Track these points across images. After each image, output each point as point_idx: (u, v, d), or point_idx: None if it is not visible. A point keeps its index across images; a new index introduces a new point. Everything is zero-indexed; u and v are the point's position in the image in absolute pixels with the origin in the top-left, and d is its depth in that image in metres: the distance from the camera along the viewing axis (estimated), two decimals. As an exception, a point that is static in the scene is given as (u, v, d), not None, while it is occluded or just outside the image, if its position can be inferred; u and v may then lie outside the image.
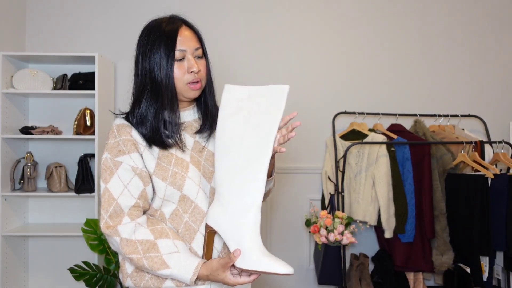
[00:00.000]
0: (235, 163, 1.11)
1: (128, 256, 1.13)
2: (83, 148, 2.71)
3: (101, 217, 1.15)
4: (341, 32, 2.89)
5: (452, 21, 2.93)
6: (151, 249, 1.13)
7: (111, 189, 1.15)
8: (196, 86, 1.21)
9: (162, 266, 1.11)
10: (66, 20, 2.81)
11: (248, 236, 1.07)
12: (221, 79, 1.36)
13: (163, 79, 1.18)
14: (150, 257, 1.12)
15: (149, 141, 1.19)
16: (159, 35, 1.18)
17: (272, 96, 1.11)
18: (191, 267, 1.11)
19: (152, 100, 1.20)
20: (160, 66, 1.17)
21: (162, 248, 1.13)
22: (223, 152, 1.13)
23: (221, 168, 1.13)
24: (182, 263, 1.12)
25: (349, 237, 2.27)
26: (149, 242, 1.13)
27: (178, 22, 1.22)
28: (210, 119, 1.28)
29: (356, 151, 2.59)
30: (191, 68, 1.19)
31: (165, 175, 1.18)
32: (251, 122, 1.11)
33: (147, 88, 1.20)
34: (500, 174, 2.31)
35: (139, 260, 1.12)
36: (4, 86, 2.50)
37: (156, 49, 1.18)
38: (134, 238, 1.13)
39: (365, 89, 2.88)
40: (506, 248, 2.23)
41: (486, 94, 2.93)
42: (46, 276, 2.76)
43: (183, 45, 1.19)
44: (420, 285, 2.58)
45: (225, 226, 1.10)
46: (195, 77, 1.20)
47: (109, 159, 1.18)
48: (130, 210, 1.16)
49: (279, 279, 2.84)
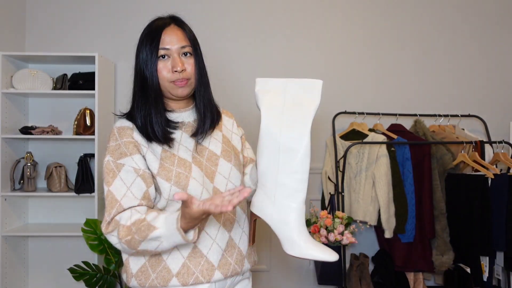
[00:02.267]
0: (275, 156, 1.14)
1: (125, 240, 1.10)
2: (83, 148, 2.71)
3: (104, 219, 1.14)
4: (341, 32, 2.89)
5: (452, 21, 2.93)
6: (141, 223, 1.09)
7: (114, 191, 1.15)
8: (182, 83, 1.21)
9: (149, 230, 1.07)
10: (66, 20, 2.81)
11: (297, 227, 1.13)
12: (221, 78, 1.36)
13: (148, 77, 1.20)
14: (138, 228, 1.08)
15: (148, 138, 1.20)
16: (147, 33, 1.21)
17: (307, 89, 1.14)
18: (174, 217, 1.06)
19: (143, 98, 1.22)
20: (146, 64, 1.19)
21: (148, 217, 1.10)
22: (263, 143, 1.16)
23: (263, 159, 1.16)
24: (167, 220, 1.07)
25: (349, 237, 2.27)
26: (139, 220, 1.10)
27: (166, 20, 1.23)
28: (208, 119, 1.28)
29: (356, 151, 2.59)
30: (175, 67, 1.19)
31: (169, 175, 1.18)
32: (287, 114, 1.14)
33: (138, 86, 1.23)
34: (500, 174, 2.31)
35: (132, 239, 1.09)
36: (4, 86, 2.49)
37: (143, 47, 1.21)
38: (130, 223, 1.11)
39: (365, 89, 2.88)
40: (506, 248, 2.23)
41: (486, 94, 2.93)
42: (46, 276, 2.76)
43: (168, 44, 1.20)
44: (420, 285, 2.58)
45: (272, 216, 1.15)
46: (179, 76, 1.20)
47: (111, 162, 1.17)
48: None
49: (279, 278, 2.84)
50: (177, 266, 1.19)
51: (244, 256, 1.29)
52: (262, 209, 1.16)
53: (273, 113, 1.15)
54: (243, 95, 2.71)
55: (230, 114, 1.44)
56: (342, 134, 2.71)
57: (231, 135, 1.39)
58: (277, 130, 1.13)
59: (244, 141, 1.44)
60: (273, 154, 1.14)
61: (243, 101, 2.65)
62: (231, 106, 1.83)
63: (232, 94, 2.75)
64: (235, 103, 2.66)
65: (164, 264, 1.19)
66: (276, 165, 1.14)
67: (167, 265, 1.19)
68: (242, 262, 1.28)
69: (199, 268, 1.19)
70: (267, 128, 1.15)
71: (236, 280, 1.31)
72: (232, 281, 1.28)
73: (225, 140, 1.34)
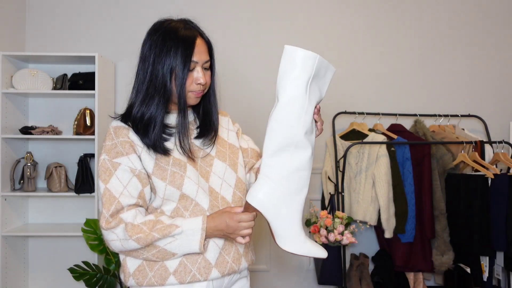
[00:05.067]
0: (289, 149, 1.12)
1: (135, 237, 1.13)
2: (83, 148, 2.71)
3: (102, 216, 1.15)
4: (341, 32, 2.89)
5: (452, 21, 2.93)
6: (156, 224, 1.15)
7: (111, 189, 1.16)
8: (199, 94, 1.25)
9: (171, 228, 1.14)
10: (66, 20, 2.81)
11: (296, 221, 1.13)
12: (221, 78, 1.36)
13: (176, 87, 1.19)
14: (157, 228, 1.14)
15: (149, 145, 1.20)
16: (177, 42, 1.18)
17: (327, 72, 1.14)
18: (198, 218, 1.17)
19: (161, 104, 1.21)
20: (173, 73, 1.18)
21: (165, 220, 1.17)
22: (278, 130, 1.11)
23: (273, 150, 1.12)
24: (188, 220, 1.17)
25: (349, 237, 2.27)
26: (152, 221, 1.16)
27: (195, 31, 1.23)
28: (212, 129, 1.31)
29: (356, 151, 2.59)
30: (198, 80, 1.21)
31: (164, 175, 1.19)
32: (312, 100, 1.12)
33: (158, 92, 1.20)
34: (500, 174, 2.31)
35: (148, 236, 1.13)
36: (4, 86, 2.49)
37: (173, 55, 1.18)
38: (139, 222, 1.15)
39: (365, 89, 2.88)
40: (506, 248, 2.23)
41: (486, 94, 2.93)
42: (46, 276, 2.76)
43: (197, 57, 1.20)
44: (420, 285, 2.58)
45: (272, 209, 1.13)
46: (201, 89, 1.23)
47: (107, 161, 1.18)
48: (129, 207, 1.17)
49: (279, 278, 2.84)
50: (174, 264, 1.20)
51: (241, 254, 1.29)
52: (261, 201, 1.13)
53: (297, 96, 1.09)
54: (243, 94, 2.71)
55: (224, 113, 1.45)
56: (342, 134, 2.71)
57: (227, 134, 1.40)
58: (295, 119, 1.09)
59: (240, 133, 1.45)
60: (287, 147, 1.11)
61: (244, 99, 2.65)
62: (231, 105, 1.83)
63: (232, 93, 2.76)
64: (237, 100, 2.66)
65: (161, 262, 1.20)
66: (289, 159, 1.11)
67: (164, 263, 1.20)
68: (240, 261, 1.28)
69: (196, 266, 1.20)
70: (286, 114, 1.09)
71: (234, 278, 1.31)
72: (229, 279, 1.29)
73: (220, 140, 1.35)
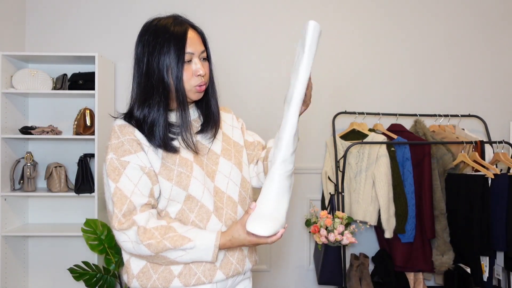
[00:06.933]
0: (294, 138, 1.20)
1: (146, 243, 1.11)
2: (83, 148, 2.71)
3: (115, 216, 1.12)
4: (341, 32, 2.89)
5: (452, 21, 2.93)
6: (168, 231, 1.13)
7: (122, 188, 1.13)
8: (202, 89, 1.22)
9: (184, 241, 1.12)
10: (66, 20, 2.81)
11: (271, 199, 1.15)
12: (221, 78, 1.36)
13: (174, 81, 1.17)
14: (170, 237, 1.12)
15: (158, 146, 1.18)
16: (168, 37, 1.17)
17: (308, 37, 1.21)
18: (212, 234, 1.15)
19: (162, 103, 1.18)
20: (169, 69, 1.16)
21: (178, 228, 1.15)
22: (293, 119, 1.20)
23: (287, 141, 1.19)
24: (201, 234, 1.15)
25: (349, 237, 2.27)
26: (164, 227, 1.14)
27: (185, 24, 1.22)
28: (213, 121, 1.29)
29: (356, 151, 2.59)
30: (198, 72, 1.19)
31: (170, 175, 1.17)
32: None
33: (157, 91, 1.18)
34: (500, 174, 2.31)
35: (159, 243, 1.11)
36: (4, 86, 2.49)
37: (166, 51, 1.16)
38: (151, 227, 1.13)
39: (365, 89, 2.88)
40: (506, 248, 2.23)
41: (486, 94, 2.93)
42: (46, 276, 2.76)
43: (191, 48, 1.19)
44: (420, 285, 2.58)
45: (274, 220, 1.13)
46: (201, 80, 1.21)
47: (115, 160, 1.15)
48: (142, 207, 1.15)
49: (279, 278, 2.84)
50: (179, 266, 1.18)
51: (245, 255, 1.29)
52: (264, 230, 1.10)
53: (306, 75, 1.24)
54: (243, 93, 2.71)
55: (227, 109, 1.44)
56: (342, 134, 2.71)
57: (232, 130, 1.39)
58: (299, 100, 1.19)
59: (245, 129, 1.45)
60: (293, 136, 1.18)
61: (242, 98, 2.65)
62: (238, 105, 1.82)
63: (232, 93, 2.76)
64: (235, 100, 2.66)
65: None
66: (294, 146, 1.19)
67: (169, 266, 1.19)
68: (244, 262, 1.28)
69: (201, 268, 1.19)
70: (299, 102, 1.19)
71: (238, 280, 1.30)
72: (233, 281, 1.28)
73: (225, 138, 1.34)
